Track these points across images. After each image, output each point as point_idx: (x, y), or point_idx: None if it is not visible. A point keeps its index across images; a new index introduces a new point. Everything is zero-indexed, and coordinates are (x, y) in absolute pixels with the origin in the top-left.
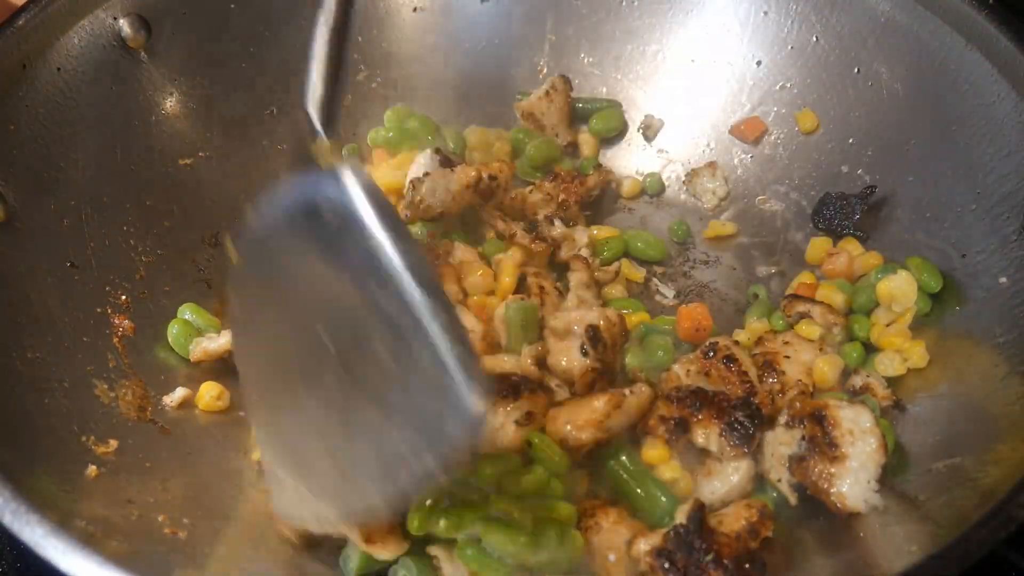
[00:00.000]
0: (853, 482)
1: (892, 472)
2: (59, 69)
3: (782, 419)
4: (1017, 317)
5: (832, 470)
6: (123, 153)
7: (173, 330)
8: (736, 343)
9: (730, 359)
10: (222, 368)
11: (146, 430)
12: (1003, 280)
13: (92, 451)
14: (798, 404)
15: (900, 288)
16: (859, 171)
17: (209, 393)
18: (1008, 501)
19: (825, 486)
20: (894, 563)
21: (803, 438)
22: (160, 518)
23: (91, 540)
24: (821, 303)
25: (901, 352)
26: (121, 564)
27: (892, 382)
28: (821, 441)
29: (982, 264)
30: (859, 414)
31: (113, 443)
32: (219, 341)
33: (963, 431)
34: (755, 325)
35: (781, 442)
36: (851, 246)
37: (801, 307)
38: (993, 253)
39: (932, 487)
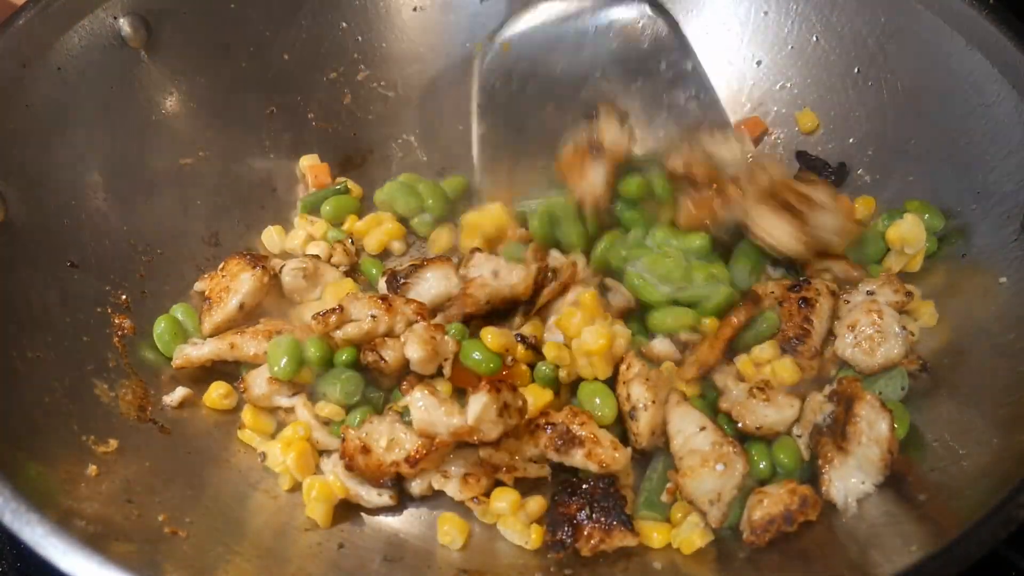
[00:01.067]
0: (845, 477)
1: (905, 452)
2: (59, 69)
3: (826, 389)
4: (1017, 317)
5: (836, 457)
6: (123, 153)
7: (159, 328)
8: (832, 293)
9: (808, 302)
10: (222, 368)
11: (146, 430)
12: (1003, 280)
13: (92, 451)
14: (844, 383)
15: (909, 231)
16: (859, 171)
17: (217, 391)
18: (1008, 501)
19: (824, 467)
20: (894, 563)
21: (831, 414)
22: (160, 518)
23: (91, 540)
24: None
25: (911, 313)
26: (121, 564)
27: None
28: (839, 426)
29: (982, 264)
30: (879, 419)
31: (113, 443)
32: (203, 349)
33: (963, 431)
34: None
35: (814, 408)
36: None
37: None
38: (993, 253)
39: (932, 487)
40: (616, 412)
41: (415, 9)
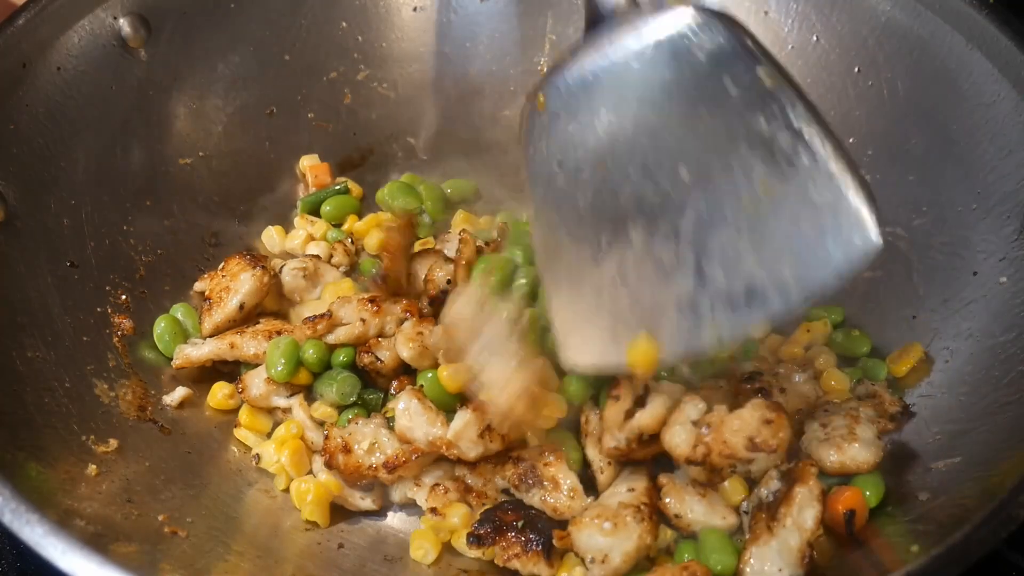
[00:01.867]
0: (764, 558)
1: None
2: (59, 69)
3: (783, 467)
4: (1017, 317)
5: (763, 535)
6: (123, 153)
7: (159, 328)
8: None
9: (766, 394)
10: (222, 368)
11: (146, 430)
12: (1003, 280)
13: (92, 451)
14: (802, 465)
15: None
16: (860, 171)
17: (222, 392)
18: (1008, 501)
19: (750, 544)
20: (894, 563)
21: (776, 491)
22: (160, 518)
23: (91, 540)
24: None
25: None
26: (121, 564)
27: (892, 383)
28: (775, 506)
29: (982, 264)
30: (808, 506)
31: (113, 443)
32: (203, 349)
33: (963, 430)
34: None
35: (764, 481)
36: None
37: None
38: (993, 253)
39: (932, 487)
40: (581, 463)
41: (415, 9)
